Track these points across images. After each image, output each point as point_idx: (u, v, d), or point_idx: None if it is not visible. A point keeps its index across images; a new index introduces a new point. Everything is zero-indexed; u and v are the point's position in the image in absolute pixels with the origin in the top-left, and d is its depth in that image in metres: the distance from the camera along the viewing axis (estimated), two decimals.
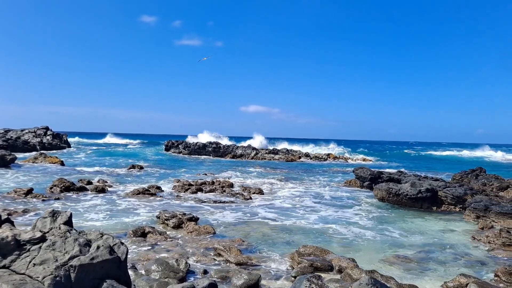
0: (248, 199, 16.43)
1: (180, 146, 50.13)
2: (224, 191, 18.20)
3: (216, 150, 48.33)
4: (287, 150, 52.11)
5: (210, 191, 18.02)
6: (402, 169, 26.56)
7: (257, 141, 57.45)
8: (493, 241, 10.29)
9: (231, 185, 20.32)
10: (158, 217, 11.83)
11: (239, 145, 52.13)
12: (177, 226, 11.04)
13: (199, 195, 17.25)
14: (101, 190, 16.93)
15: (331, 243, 10.29)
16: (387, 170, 25.27)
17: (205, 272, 7.04)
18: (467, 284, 6.47)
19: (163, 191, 17.98)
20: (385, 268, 8.34)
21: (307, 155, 49.46)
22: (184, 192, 17.70)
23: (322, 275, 7.03)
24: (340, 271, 7.27)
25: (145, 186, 18.46)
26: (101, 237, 4.67)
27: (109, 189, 17.78)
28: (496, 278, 7.24)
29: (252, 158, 45.72)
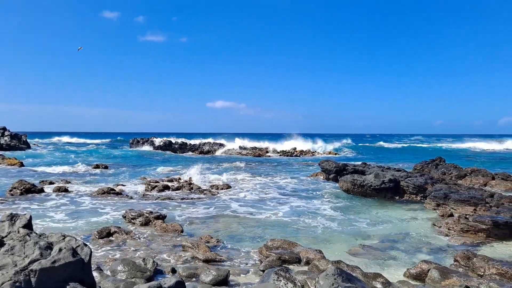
0: (216, 195, 16.39)
1: (145, 143, 49.33)
2: (192, 187, 18.07)
3: (182, 147, 47.88)
4: (255, 146, 52.27)
5: (178, 188, 17.85)
6: (374, 162, 27.22)
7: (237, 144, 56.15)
8: (453, 227, 10.73)
9: (196, 181, 20.19)
10: (124, 217, 11.61)
11: (205, 141, 51.83)
12: (144, 225, 10.89)
13: (167, 192, 17.05)
14: (64, 190, 16.44)
15: (299, 235, 10.43)
16: (352, 162, 25.81)
17: (173, 270, 6.99)
18: (428, 270, 6.72)
19: (129, 189, 17.66)
20: (351, 258, 8.54)
21: (274, 150, 49.79)
22: (151, 190, 17.44)
23: (290, 267, 7.13)
24: (307, 262, 7.39)
25: (110, 185, 18.07)
26: (63, 239, 4.54)
27: (73, 189, 17.28)
28: (455, 263, 7.55)
29: (220, 154, 45.58)
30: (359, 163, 23.48)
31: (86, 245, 4.58)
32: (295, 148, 50.46)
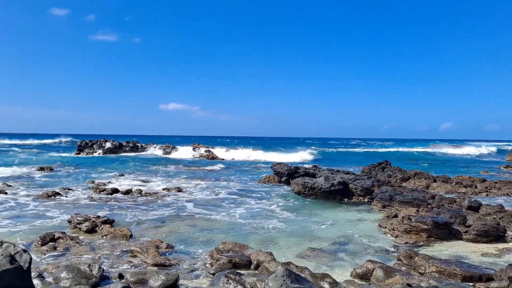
0: (167, 198, 16.12)
1: (94, 146, 47.63)
2: (142, 191, 17.67)
3: (133, 149, 46.71)
4: (208, 147, 51.94)
5: (127, 192, 17.38)
6: (337, 166, 27.83)
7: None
8: (397, 228, 11.20)
9: (148, 183, 19.80)
10: (69, 221, 11.15)
11: (153, 145, 50.87)
12: (91, 230, 10.51)
13: (115, 196, 16.55)
14: (4, 193, 15.53)
15: (251, 238, 10.49)
16: (305, 165, 26.29)
17: (121, 276, 6.80)
18: (373, 269, 6.97)
19: (75, 193, 16.98)
20: (301, 259, 8.70)
21: (227, 150, 49.75)
22: (99, 193, 16.87)
23: (241, 270, 7.15)
24: (258, 265, 7.44)
25: (56, 188, 17.30)
26: (1, 245, 4.30)
27: (15, 192, 16.36)
28: (399, 262, 7.89)
29: (173, 157, 44.89)
30: (311, 166, 23.95)
31: (25, 251, 4.36)
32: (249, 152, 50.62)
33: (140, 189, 17.96)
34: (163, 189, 18.39)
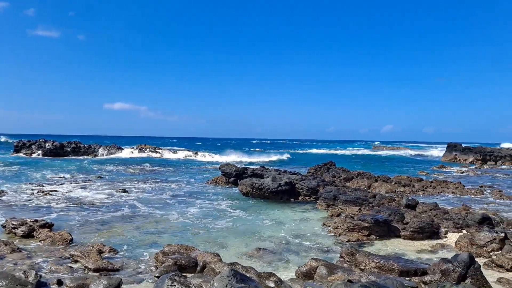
0: (111, 200, 15.61)
1: (33, 146, 45.11)
2: (82, 192, 16.98)
3: (75, 150, 44.77)
4: (155, 148, 50.91)
5: (68, 192, 16.64)
6: (280, 166, 28.12)
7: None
8: (340, 226, 11.58)
9: (92, 185, 19.09)
10: (3, 226, 10.50)
11: (91, 146, 49.10)
12: (28, 235, 9.95)
13: (55, 197, 15.79)
14: None
15: (198, 239, 10.42)
16: (252, 166, 26.48)
17: (59, 282, 6.50)
18: (317, 267, 7.16)
19: (11, 196, 15.99)
20: (247, 259, 8.77)
21: (175, 152, 49.03)
22: (38, 195, 16.01)
23: (187, 273, 7.08)
24: (204, 266, 7.40)
25: None
26: None
27: None
28: (341, 259, 8.16)
29: (118, 157, 43.52)
30: (258, 166, 24.16)
31: None
32: (196, 152, 50.18)
33: (82, 191, 17.27)
34: (108, 191, 17.79)
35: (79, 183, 20.18)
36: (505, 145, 75.50)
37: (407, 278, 6.78)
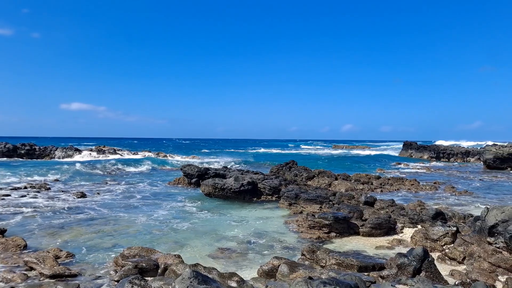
0: (69, 203, 15.09)
1: None
2: (37, 196, 16.32)
3: (30, 152, 42.93)
4: (114, 149, 49.65)
5: (22, 196, 15.94)
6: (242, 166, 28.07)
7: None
8: (302, 224, 11.76)
9: (48, 189, 18.40)
10: None
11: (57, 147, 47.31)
12: None
13: (8, 201, 15.08)
14: None
15: (160, 241, 10.28)
16: (215, 166, 26.36)
17: None
18: (279, 265, 7.24)
19: None
20: (210, 260, 8.74)
21: (135, 153, 48.02)
22: None
23: (148, 276, 6.97)
24: (165, 268, 7.31)
25: None
26: None
27: None
28: (302, 256, 8.29)
29: (77, 159, 42.08)
30: (220, 167, 24.08)
31: None
32: (157, 153, 49.38)
33: (37, 195, 16.60)
34: (65, 195, 17.19)
35: (34, 187, 19.36)
36: (439, 142, 79.54)
37: (366, 273, 6.99)
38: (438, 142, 77.95)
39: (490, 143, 60.00)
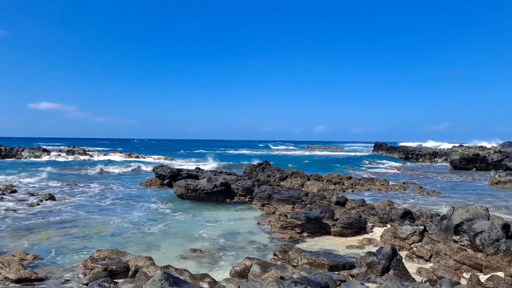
0: (36, 205, 14.66)
1: None
2: (3, 198, 15.77)
3: None
4: (84, 150, 48.53)
5: None
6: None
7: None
8: (274, 225, 11.83)
9: (15, 191, 17.82)
10: None
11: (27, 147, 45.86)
12: None
13: None
14: None
15: (131, 243, 10.12)
16: (188, 167, 26.16)
17: None
18: (251, 266, 7.26)
19: None
20: (182, 261, 8.67)
21: (106, 154, 47.11)
22: None
23: (119, 278, 6.85)
24: (136, 271, 7.21)
25: None
26: None
27: None
28: (274, 256, 8.34)
29: (45, 160, 40.91)
30: (194, 167, 23.92)
31: None
32: (129, 154, 48.62)
33: (3, 197, 16.04)
34: (32, 196, 16.68)
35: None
36: (404, 143, 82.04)
37: (337, 272, 7.10)
38: (403, 144, 79.82)
39: (457, 144, 62.03)
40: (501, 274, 6.89)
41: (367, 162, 46.86)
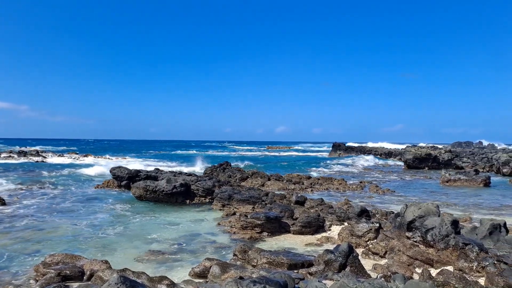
0: None
1: None
2: None
3: None
4: (37, 151, 46.55)
5: None
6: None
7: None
8: (234, 225, 11.84)
9: None
10: None
11: None
12: None
13: None
14: None
15: (87, 247, 9.82)
16: (147, 168, 25.67)
17: None
18: (210, 266, 7.24)
19: None
20: (140, 264, 8.51)
21: (60, 155, 45.42)
22: None
23: (73, 283, 6.63)
24: (92, 275, 7.00)
25: None
26: None
27: None
28: (234, 257, 8.34)
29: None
30: (153, 169, 23.52)
31: None
32: (85, 155, 47.11)
33: None
34: None
35: None
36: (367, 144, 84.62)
37: (295, 271, 7.20)
38: (354, 144, 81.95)
39: (410, 144, 64.45)
40: (450, 268, 7.23)
41: (326, 162, 47.79)
